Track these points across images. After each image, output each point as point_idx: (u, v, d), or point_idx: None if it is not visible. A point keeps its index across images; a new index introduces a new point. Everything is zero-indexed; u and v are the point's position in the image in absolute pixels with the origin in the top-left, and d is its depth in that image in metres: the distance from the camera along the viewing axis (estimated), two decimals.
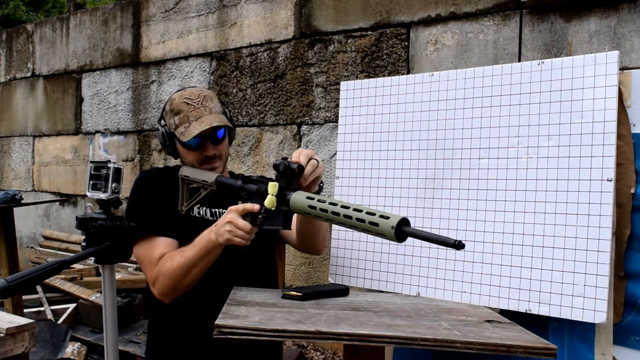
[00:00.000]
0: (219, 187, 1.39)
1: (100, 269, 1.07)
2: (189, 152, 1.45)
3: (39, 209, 4.74)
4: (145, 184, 1.48)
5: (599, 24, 2.29)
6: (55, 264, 0.94)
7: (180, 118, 1.43)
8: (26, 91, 4.86)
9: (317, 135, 3.11)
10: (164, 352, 1.46)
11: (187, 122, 1.41)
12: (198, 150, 1.44)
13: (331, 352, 3.05)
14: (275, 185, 1.23)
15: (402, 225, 1.02)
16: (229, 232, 1.23)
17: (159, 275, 1.34)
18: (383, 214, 1.05)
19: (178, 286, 1.33)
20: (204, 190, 1.41)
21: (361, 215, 1.08)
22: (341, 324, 1.05)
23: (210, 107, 1.45)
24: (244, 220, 1.24)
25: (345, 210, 1.10)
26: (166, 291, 1.34)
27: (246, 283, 1.43)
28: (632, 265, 1.25)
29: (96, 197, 1.08)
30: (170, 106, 1.47)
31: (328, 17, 3.08)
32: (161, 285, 1.34)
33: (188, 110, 1.42)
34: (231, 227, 1.23)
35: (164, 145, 1.50)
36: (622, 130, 1.24)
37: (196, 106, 1.43)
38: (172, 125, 1.45)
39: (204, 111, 1.43)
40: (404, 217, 1.03)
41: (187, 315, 1.43)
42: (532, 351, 0.98)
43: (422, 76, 1.52)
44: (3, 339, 1.44)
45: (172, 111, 1.46)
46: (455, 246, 0.96)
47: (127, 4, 4.10)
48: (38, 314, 3.13)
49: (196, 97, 1.45)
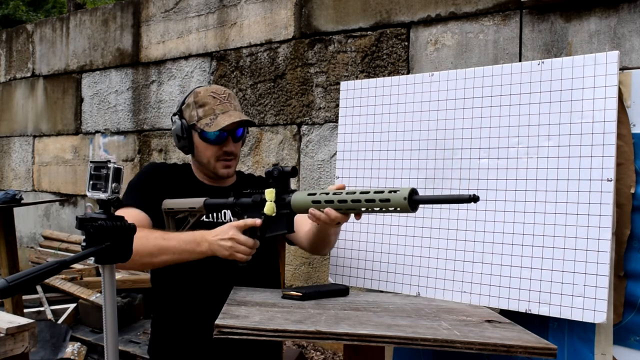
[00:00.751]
0: (208, 210, 1.37)
1: (100, 269, 1.07)
2: (208, 146, 1.44)
3: (39, 209, 4.74)
4: (153, 172, 1.50)
5: (599, 24, 2.29)
6: (55, 264, 0.94)
7: (205, 110, 1.43)
8: (26, 91, 4.86)
9: (317, 135, 3.11)
10: (166, 350, 1.46)
11: (213, 115, 1.42)
12: (218, 145, 1.44)
13: (331, 352, 3.05)
14: (272, 191, 1.23)
15: (413, 194, 1.04)
16: (230, 248, 1.24)
17: None
18: (391, 189, 1.06)
19: (136, 258, 1.29)
20: (192, 217, 1.38)
21: (369, 196, 1.08)
22: (341, 324, 1.05)
23: (235, 105, 1.48)
24: (244, 235, 1.24)
25: (352, 195, 1.11)
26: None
27: (249, 283, 1.43)
28: (632, 265, 1.25)
29: (96, 197, 1.08)
30: (195, 98, 1.46)
31: (328, 17, 3.08)
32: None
33: (214, 104, 1.43)
34: (233, 243, 1.23)
35: (180, 138, 1.47)
36: (622, 130, 1.24)
37: (222, 100, 1.44)
38: (193, 118, 1.44)
39: (229, 107, 1.44)
40: (413, 187, 1.05)
41: (188, 314, 1.43)
42: (532, 351, 0.98)
43: (422, 76, 1.52)
44: (3, 339, 1.44)
45: (196, 103, 1.45)
46: (471, 200, 0.96)
47: (127, 4, 4.10)
48: (38, 314, 3.12)
49: (222, 93, 1.47)
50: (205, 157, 1.46)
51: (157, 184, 1.45)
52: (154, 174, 1.49)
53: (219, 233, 1.26)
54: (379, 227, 1.54)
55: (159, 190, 1.44)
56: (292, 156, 3.22)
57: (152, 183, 1.45)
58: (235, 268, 1.36)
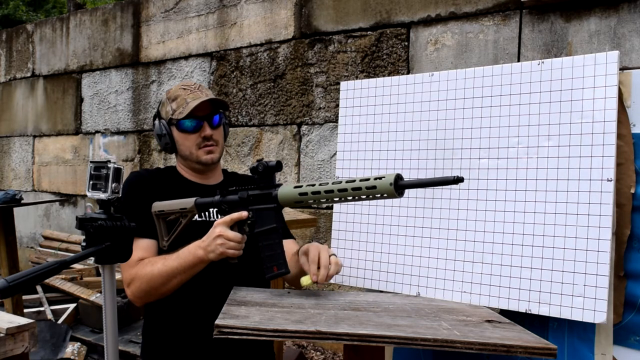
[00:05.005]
0: (199, 209, 1.36)
1: (100, 269, 1.07)
2: (187, 135, 1.45)
3: (39, 209, 4.74)
4: (134, 185, 1.47)
5: (599, 24, 2.29)
6: (55, 264, 0.94)
7: (177, 102, 1.46)
8: (26, 91, 4.86)
9: (317, 135, 3.11)
10: (161, 352, 1.46)
11: (185, 103, 1.44)
12: (196, 132, 1.45)
13: (331, 352, 3.05)
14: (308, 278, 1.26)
15: (399, 180, 1.06)
16: (220, 245, 1.24)
17: (136, 277, 1.34)
18: (377, 176, 1.08)
19: (153, 292, 1.33)
20: (184, 218, 1.38)
21: (355, 184, 1.10)
22: (341, 324, 1.05)
23: (207, 93, 1.50)
24: (232, 231, 1.25)
25: (338, 185, 1.12)
26: (140, 295, 1.35)
27: (243, 283, 1.43)
28: (632, 265, 1.25)
29: (96, 197, 1.08)
30: (167, 95, 1.50)
31: (328, 17, 3.08)
32: (137, 289, 1.34)
33: (185, 94, 1.46)
34: (222, 240, 1.24)
35: (160, 136, 1.48)
36: (622, 130, 1.24)
37: (193, 90, 1.48)
38: (169, 113, 1.47)
39: (200, 94, 1.47)
40: (398, 173, 1.07)
41: (186, 315, 1.43)
42: (532, 351, 0.98)
43: (422, 76, 1.52)
44: (3, 339, 1.44)
45: (169, 99, 1.48)
46: (454, 181, 1.00)
47: (127, 4, 4.10)
48: (38, 314, 3.13)
49: (192, 84, 1.50)
50: (187, 148, 1.47)
51: (144, 194, 1.44)
52: (137, 185, 1.47)
53: (208, 235, 1.27)
54: (379, 227, 1.54)
55: (146, 199, 1.42)
56: (292, 156, 3.22)
57: (137, 201, 1.43)
58: (229, 268, 1.36)
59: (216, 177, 1.57)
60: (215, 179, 1.56)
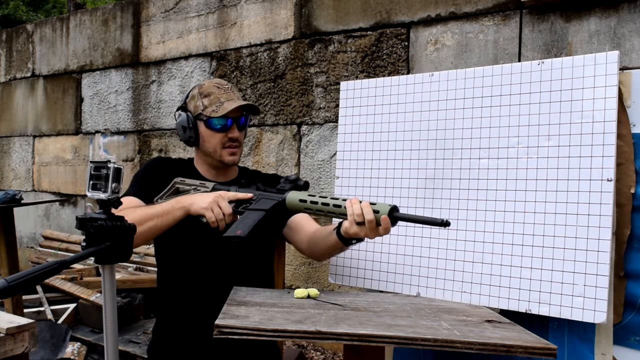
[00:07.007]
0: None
1: (100, 269, 1.07)
2: (214, 134, 1.48)
3: (39, 209, 4.74)
4: (157, 165, 1.56)
5: (599, 24, 2.29)
6: (55, 264, 0.94)
7: (210, 100, 1.48)
8: (26, 91, 4.86)
9: (317, 135, 3.11)
10: (165, 350, 1.47)
11: (219, 102, 1.47)
12: (223, 132, 1.48)
13: (331, 352, 3.05)
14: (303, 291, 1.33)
15: (394, 212, 1.16)
16: (210, 203, 1.29)
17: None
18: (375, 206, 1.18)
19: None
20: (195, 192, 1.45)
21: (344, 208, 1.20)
22: (341, 324, 1.05)
23: (238, 95, 1.55)
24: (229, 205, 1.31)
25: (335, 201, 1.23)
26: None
27: (243, 283, 1.43)
28: (632, 265, 1.25)
29: (96, 197, 1.08)
30: (200, 90, 1.52)
31: (328, 17, 3.08)
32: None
33: (219, 93, 1.49)
34: (214, 203, 1.29)
35: (185, 129, 1.51)
36: (622, 130, 1.24)
37: (226, 90, 1.51)
38: (199, 108, 1.49)
39: (233, 95, 1.51)
40: (394, 204, 1.17)
41: (188, 314, 1.44)
42: (532, 351, 0.98)
43: (422, 76, 1.52)
44: (3, 339, 1.44)
45: (201, 94, 1.50)
46: (442, 224, 1.09)
47: (127, 4, 4.10)
48: (38, 314, 3.12)
49: (225, 84, 1.54)
50: (212, 146, 1.50)
51: (160, 177, 1.50)
52: (157, 167, 1.55)
53: (206, 193, 1.34)
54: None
55: (160, 182, 1.48)
56: (292, 156, 3.22)
57: (154, 175, 1.51)
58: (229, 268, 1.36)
59: (231, 175, 1.60)
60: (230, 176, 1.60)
